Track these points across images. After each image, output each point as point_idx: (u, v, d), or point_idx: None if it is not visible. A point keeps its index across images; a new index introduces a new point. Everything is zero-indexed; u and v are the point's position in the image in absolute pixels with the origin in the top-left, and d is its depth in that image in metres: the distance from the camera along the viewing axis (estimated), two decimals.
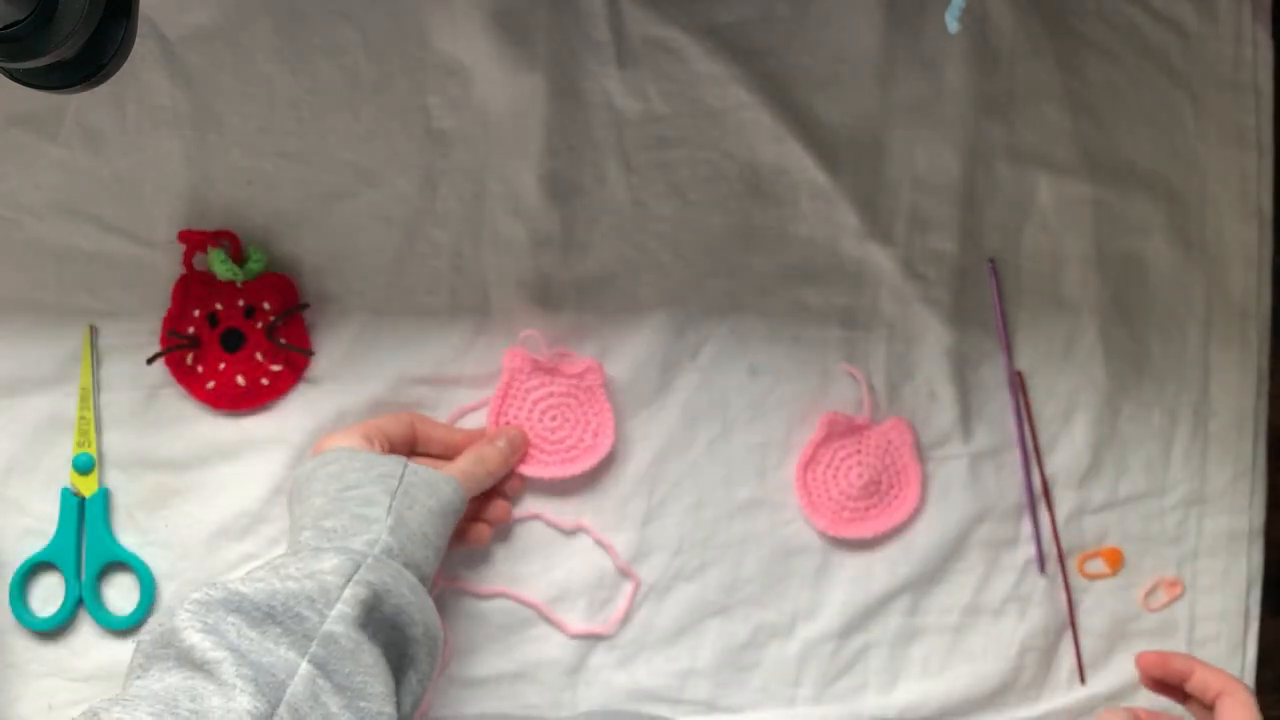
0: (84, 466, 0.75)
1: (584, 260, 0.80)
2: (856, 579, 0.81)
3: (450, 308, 0.79)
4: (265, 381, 0.77)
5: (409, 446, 0.74)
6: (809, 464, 0.81)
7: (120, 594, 0.76)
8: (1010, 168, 0.83)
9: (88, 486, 0.75)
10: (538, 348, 0.78)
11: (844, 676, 0.81)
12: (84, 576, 0.75)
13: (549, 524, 0.79)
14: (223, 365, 0.76)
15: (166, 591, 0.76)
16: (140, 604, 0.75)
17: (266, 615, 0.55)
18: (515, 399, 0.78)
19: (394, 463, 0.68)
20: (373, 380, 0.78)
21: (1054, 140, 0.84)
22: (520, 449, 0.76)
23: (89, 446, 0.75)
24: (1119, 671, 0.84)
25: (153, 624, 0.55)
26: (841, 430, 0.81)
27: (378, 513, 0.64)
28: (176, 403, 0.76)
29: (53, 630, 0.75)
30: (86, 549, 0.75)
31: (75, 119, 0.75)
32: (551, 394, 0.78)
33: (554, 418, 0.79)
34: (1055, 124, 0.84)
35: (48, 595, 0.76)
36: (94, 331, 0.76)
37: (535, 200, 0.79)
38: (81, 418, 0.75)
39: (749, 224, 0.81)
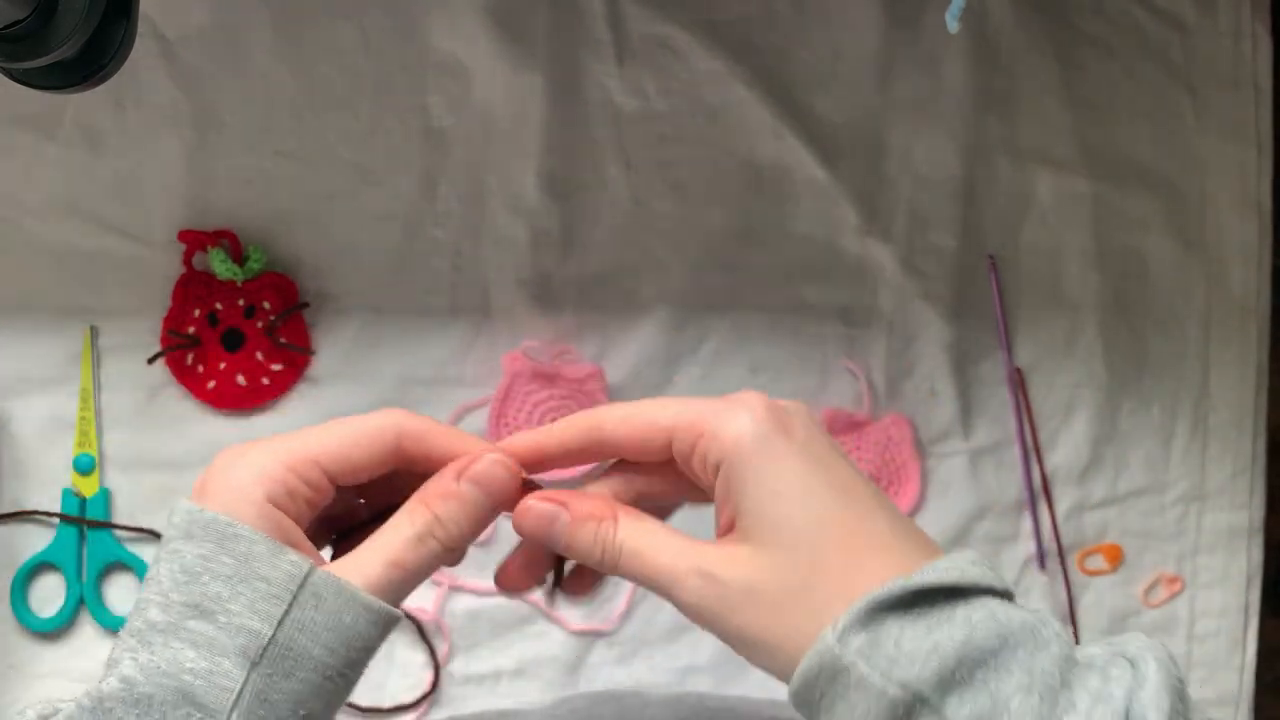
0: (85, 467, 0.75)
1: (584, 258, 0.80)
2: None
3: (450, 306, 0.79)
4: (266, 381, 0.77)
5: (383, 475, 0.45)
6: None
7: (121, 594, 0.76)
8: (1010, 164, 0.83)
9: (89, 487, 0.75)
10: (539, 355, 0.78)
11: None
12: (85, 577, 0.75)
13: None
14: (223, 365, 0.76)
15: None
16: None
17: None
18: (514, 402, 0.78)
19: (285, 576, 0.40)
20: (373, 379, 0.78)
21: (1054, 136, 0.84)
22: (508, 498, 0.44)
23: (90, 447, 0.75)
24: None
25: None
26: (841, 426, 0.81)
27: (217, 695, 0.38)
28: (177, 403, 0.77)
29: (54, 630, 0.75)
30: (88, 549, 0.75)
31: (75, 119, 0.75)
32: (552, 397, 0.79)
33: (554, 419, 0.78)
34: (1055, 120, 0.84)
35: (49, 596, 0.76)
36: (94, 332, 0.76)
37: (535, 198, 0.79)
38: (82, 418, 0.75)
39: (749, 221, 0.81)
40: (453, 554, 0.43)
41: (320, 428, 0.43)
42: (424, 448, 0.44)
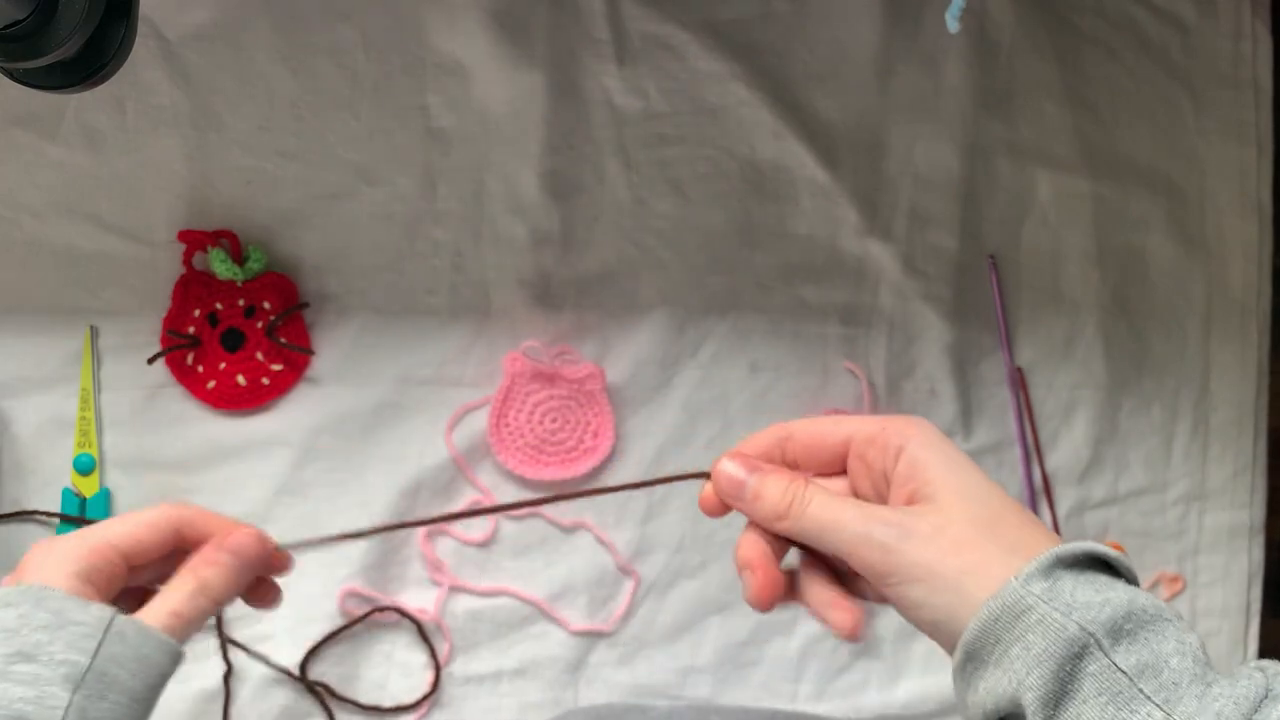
0: (85, 467, 0.75)
1: (584, 258, 0.80)
2: None
3: (451, 306, 0.79)
4: (266, 381, 0.77)
5: (164, 560, 0.53)
6: None
7: None
8: (1010, 164, 0.83)
9: (89, 487, 0.75)
10: (539, 355, 0.78)
11: (845, 673, 0.81)
12: None
13: (550, 521, 0.79)
14: (223, 365, 0.76)
15: None
16: None
17: None
18: (515, 402, 0.78)
19: (95, 620, 0.48)
20: (374, 379, 0.78)
21: (1054, 136, 0.84)
22: (260, 563, 0.53)
23: (90, 447, 0.75)
24: None
25: None
26: None
27: (47, 714, 0.45)
28: (177, 403, 0.76)
29: None
30: None
31: (75, 119, 0.75)
32: (552, 397, 0.78)
33: (554, 420, 0.79)
34: (1055, 120, 0.84)
35: None
36: (94, 332, 0.76)
37: (535, 198, 0.79)
38: (82, 418, 0.75)
39: (749, 221, 0.81)
40: (221, 605, 0.52)
41: (111, 520, 0.52)
42: (197, 530, 0.52)
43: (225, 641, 0.76)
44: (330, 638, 0.76)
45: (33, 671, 0.45)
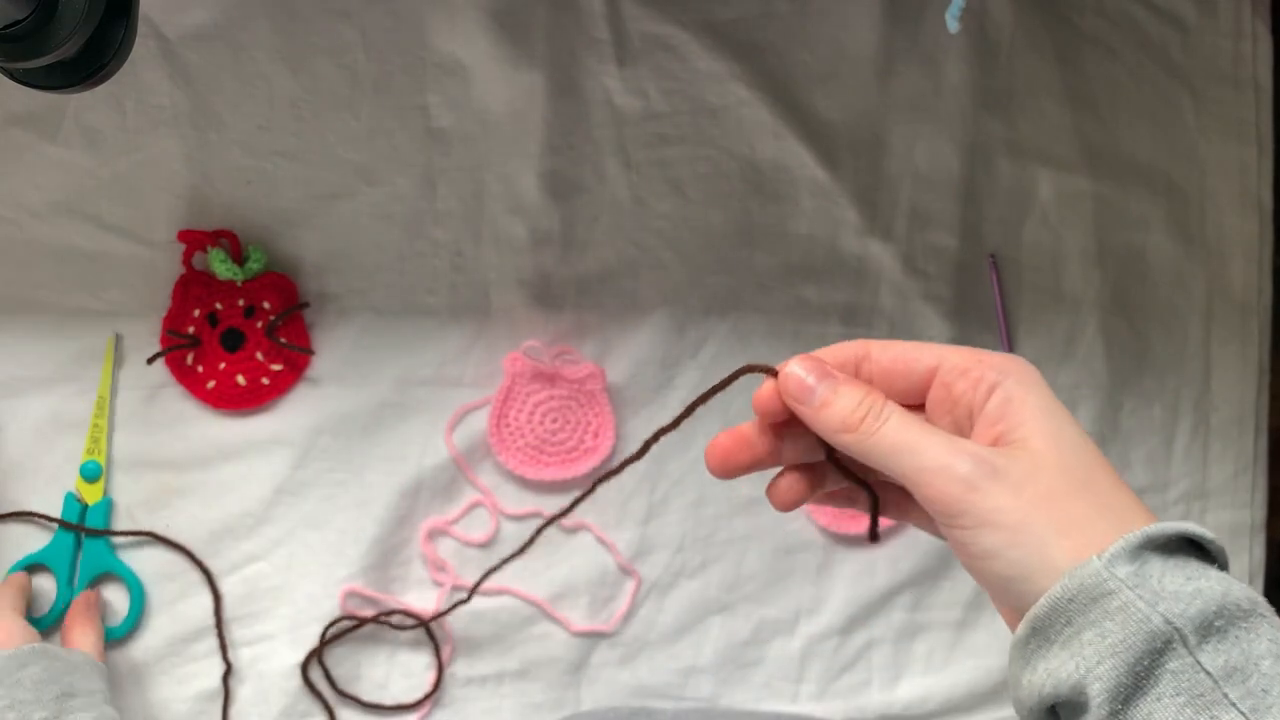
0: (91, 474, 0.75)
1: (584, 258, 0.80)
2: (859, 575, 0.81)
3: (451, 306, 0.79)
4: (266, 381, 0.76)
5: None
6: None
7: (109, 604, 0.75)
8: (1010, 163, 0.83)
9: (92, 494, 0.75)
10: (539, 355, 0.78)
11: (847, 673, 0.81)
12: (76, 583, 0.75)
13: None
14: (223, 365, 0.76)
15: (167, 593, 0.76)
16: (128, 617, 0.75)
17: None
18: (515, 402, 0.78)
19: (83, 659, 0.69)
20: (374, 379, 0.78)
21: (1054, 136, 0.84)
22: (96, 606, 0.75)
23: (99, 454, 0.75)
24: None
25: None
26: None
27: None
28: (177, 402, 0.76)
29: (41, 632, 0.74)
30: (83, 556, 0.75)
31: (75, 119, 0.75)
32: (552, 397, 0.78)
33: (555, 420, 0.79)
34: (1055, 119, 0.84)
35: (40, 597, 0.75)
36: (118, 339, 0.76)
37: (535, 198, 0.79)
38: (95, 425, 0.75)
39: (749, 221, 0.81)
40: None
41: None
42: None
43: (225, 641, 0.75)
44: (334, 639, 0.76)
45: (83, 702, 0.65)
